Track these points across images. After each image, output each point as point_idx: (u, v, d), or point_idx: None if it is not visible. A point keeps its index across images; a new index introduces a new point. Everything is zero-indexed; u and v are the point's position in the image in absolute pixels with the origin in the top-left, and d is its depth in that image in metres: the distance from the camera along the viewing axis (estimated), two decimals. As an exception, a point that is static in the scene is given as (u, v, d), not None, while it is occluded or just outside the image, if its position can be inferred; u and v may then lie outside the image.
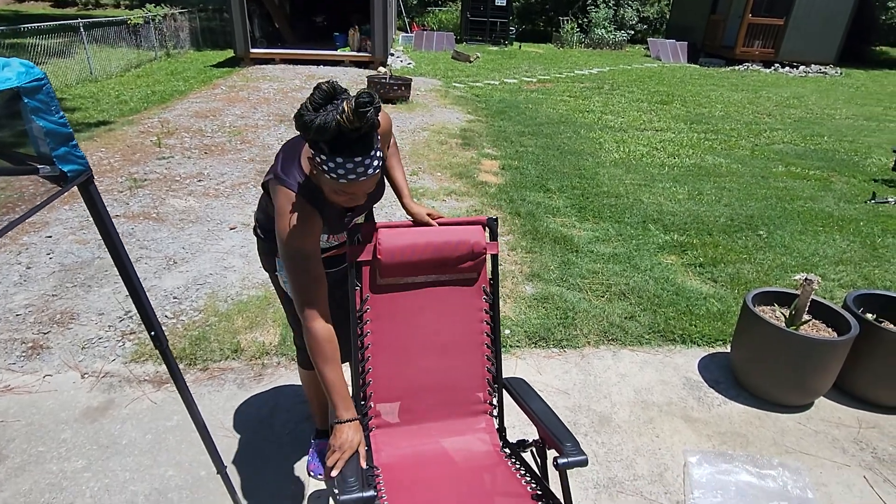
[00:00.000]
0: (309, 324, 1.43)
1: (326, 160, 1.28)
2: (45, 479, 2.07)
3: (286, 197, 1.42)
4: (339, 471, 1.39)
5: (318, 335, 1.43)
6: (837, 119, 9.50)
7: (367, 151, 1.29)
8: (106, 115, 7.11)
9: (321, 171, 1.31)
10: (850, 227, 4.66)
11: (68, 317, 3.02)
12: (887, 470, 2.27)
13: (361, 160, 1.28)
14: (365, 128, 1.24)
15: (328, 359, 1.45)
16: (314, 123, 1.20)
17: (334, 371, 1.46)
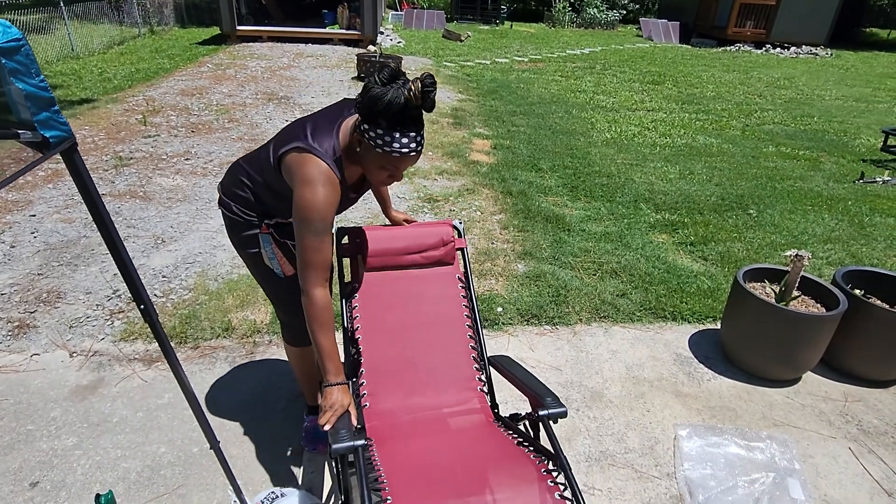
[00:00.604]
0: (312, 290, 1.49)
1: (383, 134, 1.37)
2: (35, 457, 2.05)
3: (317, 167, 1.45)
4: (331, 426, 1.45)
5: (318, 302, 1.49)
6: (827, 100, 9.52)
7: (420, 130, 1.41)
8: (89, 93, 6.95)
9: (373, 145, 1.39)
10: (839, 207, 4.70)
11: (55, 296, 2.97)
12: (872, 442, 2.32)
13: (415, 136, 1.40)
14: (426, 107, 1.35)
15: (324, 325, 1.51)
16: (385, 97, 1.31)
17: (328, 337, 1.52)
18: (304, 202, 1.44)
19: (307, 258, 1.48)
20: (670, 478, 2.10)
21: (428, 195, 4.48)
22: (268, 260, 1.81)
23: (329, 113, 1.60)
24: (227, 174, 1.80)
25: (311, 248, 1.47)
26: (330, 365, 1.52)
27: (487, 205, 4.38)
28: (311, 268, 1.48)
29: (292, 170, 1.49)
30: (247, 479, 2.00)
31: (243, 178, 1.73)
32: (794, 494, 2.01)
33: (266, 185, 1.68)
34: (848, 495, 2.07)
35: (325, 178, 1.45)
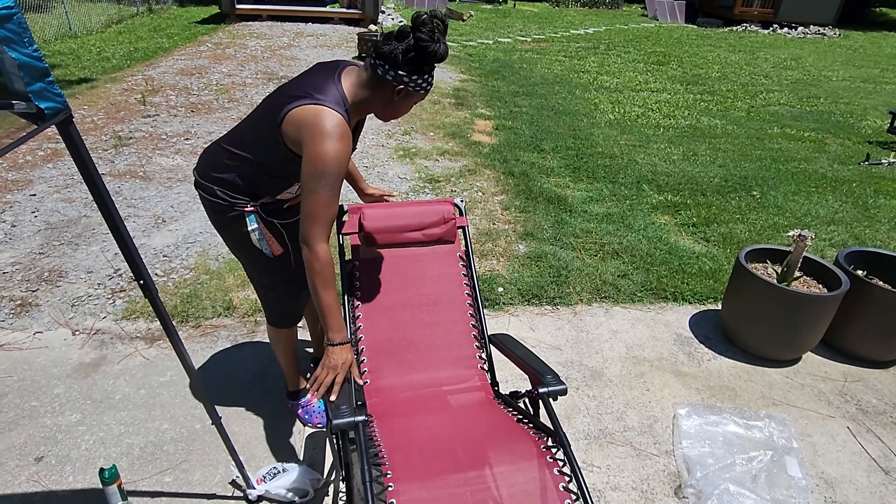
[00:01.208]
0: (317, 245, 1.48)
1: (428, 78, 1.54)
2: (39, 433, 2.07)
3: (332, 119, 1.45)
4: (337, 394, 1.48)
5: (322, 257, 1.48)
6: (834, 81, 9.40)
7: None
8: (88, 73, 6.89)
9: (416, 90, 1.54)
10: (843, 188, 4.66)
11: (56, 275, 2.98)
12: (870, 421, 2.33)
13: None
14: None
15: (327, 281, 1.51)
16: (440, 51, 1.48)
17: (331, 294, 1.52)
18: (319, 156, 1.43)
19: (317, 213, 1.46)
20: (669, 455, 2.11)
21: (429, 176, 4.45)
22: (256, 241, 1.76)
23: (320, 72, 1.58)
24: (204, 159, 1.75)
25: (322, 202, 1.46)
26: (332, 321, 1.53)
27: (489, 185, 4.35)
28: (320, 222, 1.47)
29: (303, 124, 1.46)
30: (249, 455, 2.02)
31: (226, 160, 1.68)
32: (792, 472, 2.03)
33: (256, 162, 1.63)
34: (845, 473, 2.08)
35: (342, 131, 1.45)
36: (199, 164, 1.76)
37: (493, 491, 1.31)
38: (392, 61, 1.49)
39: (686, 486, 1.95)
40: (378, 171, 4.52)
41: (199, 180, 1.74)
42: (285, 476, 1.86)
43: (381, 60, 1.50)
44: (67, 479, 1.90)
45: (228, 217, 1.73)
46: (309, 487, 1.87)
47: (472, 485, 1.30)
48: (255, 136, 1.63)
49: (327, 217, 1.48)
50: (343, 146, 1.45)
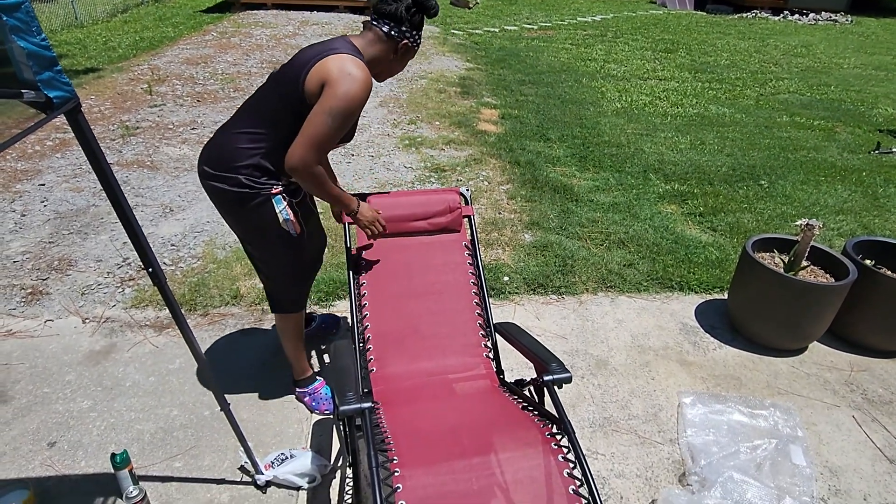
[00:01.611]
0: (315, 167, 1.63)
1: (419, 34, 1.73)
2: (52, 419, 2.10)
3: (358, 65, 1.61)
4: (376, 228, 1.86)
5: (320, 172, 1.65)
6: (845, 68, 9.27)
7: None
8: (94, 62, 6.90)
9: (414, 45, 1.73)
10: (853, 178, 4.62)
11: (66, 263, 3.01)
12: (876, 410, 2.33)
13: None
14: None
15: (327, 182, 1.71)
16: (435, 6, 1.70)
17: (335, 187, 1.77)
18: (340, 92, 1.56)
19: (321, 142, 1.60)
20: (673, 443, 2.12)
21: (435, 165, 4.44)
22: (283, 222, 1.80)
23: (325, 40, 1.72)
24: (216, 152, 1.76)
25: (328, 135, 1.60)
26: (344, 199, 1.79)
27: (495, 175, 4.34)
28: (321, 150, 1.62)
29: (327, 71, 1.58)
30: (257, 441, 2.05)
31: (245, 144, 1.71)
32: (796, 460, 2.03)
33: (276, 137, 1.69)
34: (850, 462, 2.09)
35: (364, 75, 1.60)
36: (210, 160, 1.77)
37: (498, 476, 1.32)
38: (396, 18, 1.66)
39: (690, 474, 1.97)
40: (384, 160, 4.52)
41: (215, 174, 1.75)
42: (293, 462, 1.89)
43: (386, 18, 1.67)
44: (80, 463, 1.94)
45: (254, 204, 1.75)
46: (316, 473, 1.89)
47: (477, 470, 1.31)
48: (271, 112, 1.70)
49: (327, 147, 1.64)
50: (362, 89, 1.59)
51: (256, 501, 1.84)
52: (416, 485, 1.26)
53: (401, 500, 1.22)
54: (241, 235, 1.95)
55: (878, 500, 1.94)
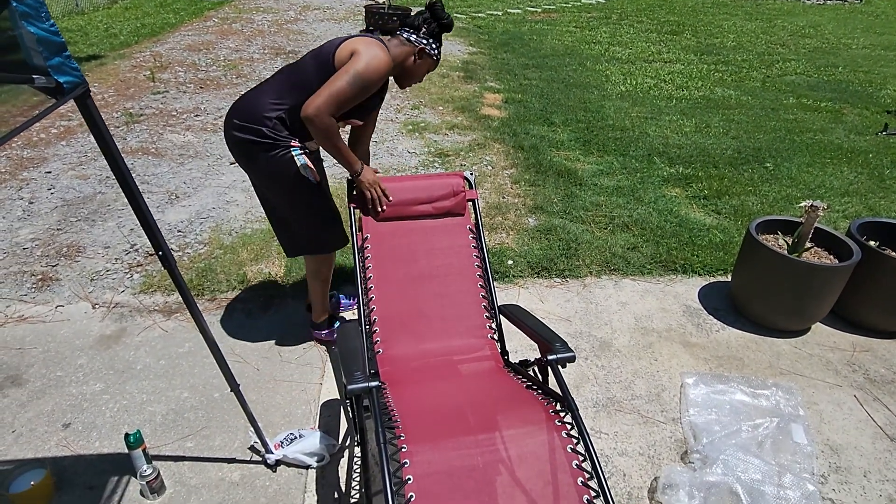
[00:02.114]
0: (328, 119, 1.80)
1: (439, 46, 1.99)
2: (65, 401, 2.15)
3: (384, 50, 1.87)
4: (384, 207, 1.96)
5: (331, 124, 1.82)
6: (854, 49, 9.15)
7: None
8: (96, 49, 6.89)
9: (431, 53, 1.98)
10: (859, 159, 4.59)
11: (75, 250, 3.04)
12: (878, 390, 2.35)
13: None
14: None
15: (337, 134, 1.86)
16: (449, 19, 1.95)
17: (342, 142, 1.88)
18: (364, 59, 1.80)
19: (337, 98, 1.78)
20: (675, 423, 2.15)
21: (439, 150, 4.44)
22: (303, 170, 2.00)
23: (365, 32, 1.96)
24: (244, 106, 1.98)
25: (345, 93, 1.79)
26: (349, 158, 1.91)
27: (498, 159, 4.34)
28: (335, 105, 1.79)
29: (360, 43, 1.85)
30: (266, 422, 2.09)
31: (271, 100, 1.93)
32: (798, 439, 2.06)
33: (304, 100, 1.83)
34: (850, 440, 2.11)
35: (388, 59, 1.86)
36: (238, 111, 1.98)
37: (503, 452, 1.35)
38: (415, 26, 1.94)
39: (692, 452, 2.00)
40: (387, 145, 4.52)
41: (241, 124, 1.95)
42: (302, 441, 1.93)
43: (407, 27, 1.96)
44: (94, 444, 1.98)
45: (274, 154, 1.95)
46: (325, 452, 1.93)
47: (482, 446, 1.34)
48: (301, 78, 1.91)
49: (341, 106, 1.81)
50: (384, 66, 1.84)
51: (267, 480, 1.88)
52: (423, 460, 1.29)
53: (408, 475, 1.25)
54: (264, 186, 2.10)
55: (879, 477, 1.97)
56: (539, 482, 1.32)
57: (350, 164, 1.93)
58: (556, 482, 1.32)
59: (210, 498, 1.81)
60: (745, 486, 1.83)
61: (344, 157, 1.91)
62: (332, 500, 1.82)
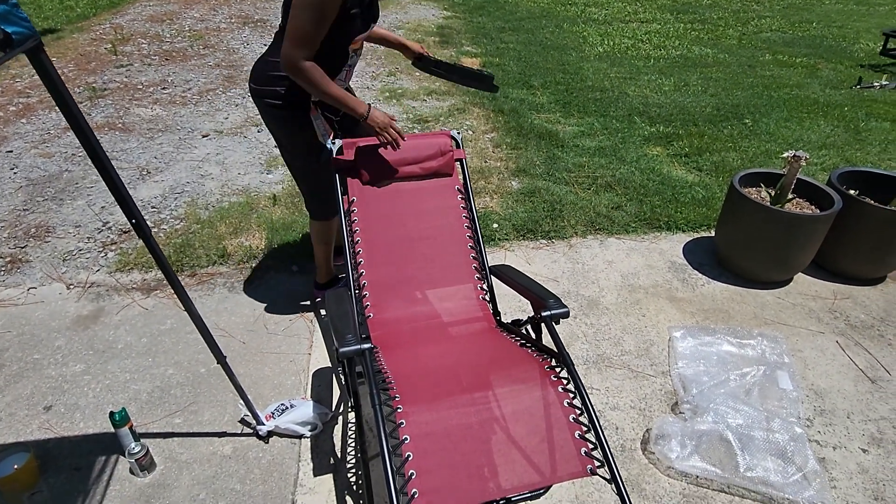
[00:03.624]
0: (302, 63, 1.69)
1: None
2: (45, 384, 2.08)
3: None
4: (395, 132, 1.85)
5: (310, 67, 1.71)
6: (827, 4, 9.16)
7: None
8: (51, 23, 6.54)
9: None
10: (835, 113, 4.62)
11: (44, 230, 2.92)
12: (858, 335, 2.40)
13: None
14: None
15: (323, 78, 1.74)
16: None
17: (333, 85, 1.77)
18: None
19: (298, 37, 1.66)
20: (665, 375, 2.18)
21: (418, 116, 4.35)
22: (320, 136, 1.97)
23: None
24: (258, 69, 1.96)
25: (303, 28, 1.65)
26: (350, 102, 1.79)
27: (479, 124, 4.27)
28: (301, 45, 1.67)
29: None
30: (255, 394, 2.06)
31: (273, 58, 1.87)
32: (783, 385, 2.10)
33: None
34: (834, 384, 2.16)
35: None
36: (253, 76, 1.97)
37: (499, 409, 1.34)
38: None
39: (682, 403, 2.02)
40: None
41: (258, 89, 1.94)
42: (294, 411, 1.90)
43: None
44: (78, 425, 1.93)
45: (292, 115, 1.93)
46: (318, 421, 1.91)
47: (478, 404, 1.33)
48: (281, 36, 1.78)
49: (308, 44, 1.68)
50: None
51: (259, 451, 1.86)
52: (419, 420, 1.27)
53: (405, 435, 1.23)
54: (284, 145, 2.11)
55: (861, 418, 2.02)
56: (536, 437, 1.31)
57: (352, 107, 1.80)
58: (553, 436, 1.32)
59: (202, 472, 1.78)
60: (735, 433, 1.86)
61: (342, 101, 1.79)
62: (328, 466, 1.81)
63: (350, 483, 1.76)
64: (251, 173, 3.50)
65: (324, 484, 1.75)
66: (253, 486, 1.75)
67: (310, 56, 1.70)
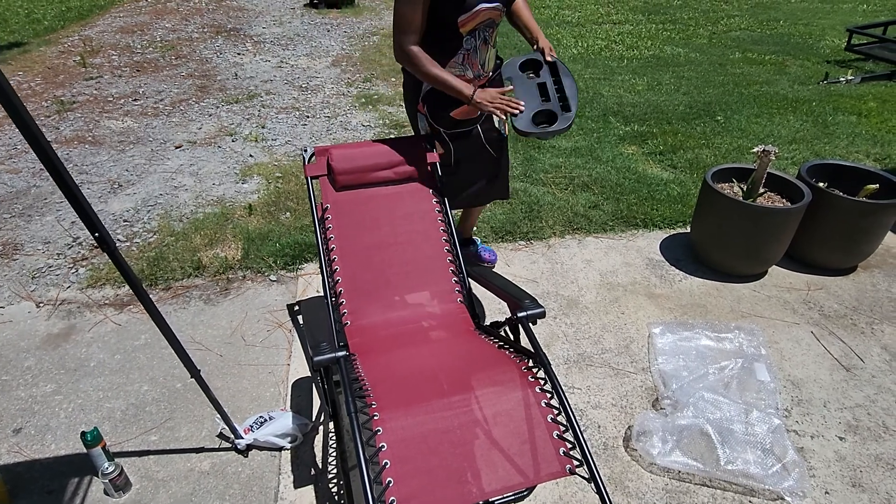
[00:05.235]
0: (409, 48, 1.78)
1: None
2: (14, 406, 2.02)
3: None
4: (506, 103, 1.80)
5: (418, 53, 1.79)
6: (793, 3, 9.37)
7: None
8: (18, 37, 6.41)
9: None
10: (804, 108, 4.72)
11: (11, 248, 2.85)
12: (832, 325, 2.44)
13: None
14: None
15: (431, 64, 1.79)
16: None
17: (440, 70, 1.81)
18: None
19: (398, 24, 1.76)
20: (645, 372, 2.19)
21: (394, 121, 4.34)
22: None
23: None
24: None
25: (401, 14, 1.74)
26: (456, 84, 1.80)
27: (455, 128, 4.27)
28: (404, 33, 1.77)
29: None
30: (234, 408, 2.02)
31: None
32: (761, 377, 2.12)
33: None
34: (810, 374, 2.19)
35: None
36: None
37: (478, 412, 1.33)
38: None
39: (663, 398, 2.03)
40: (340, 119, 4.39)
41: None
42: (273, 423, 1.87)
43: None
44: (49, 447, 1.88)
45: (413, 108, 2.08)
46: (298, 432, 1.88)
47: (456, 408, 1.32)
48: None
49: (410, 29, 1.76)
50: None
51: (239, 466, 1.82)
52: (396, 426, 1.25)
53: (382, 442, 1.22)
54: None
55: (837, 406, 2.05)
56: (515, 439, 1.30)
57: (458, 90, 1.81)
58: (531, 437, 1.31)
59: (179, 490, 1.74)
60: (715, 426, 1.88)
61: (446, 84, 1.80)
62: (309, 478, 1.78)
63: (332, 494, 1.73)
64: (226, 183, 3.45)
65: (305, 496, 1.73)
66: (232, 501, 1.71)
67: (415, 41, 1.78)
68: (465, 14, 1.78)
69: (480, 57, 1.93)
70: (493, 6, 1.81)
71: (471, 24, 1.82)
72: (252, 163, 3.67)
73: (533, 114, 1.84)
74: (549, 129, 1.83)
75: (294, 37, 6.63)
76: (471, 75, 1.95)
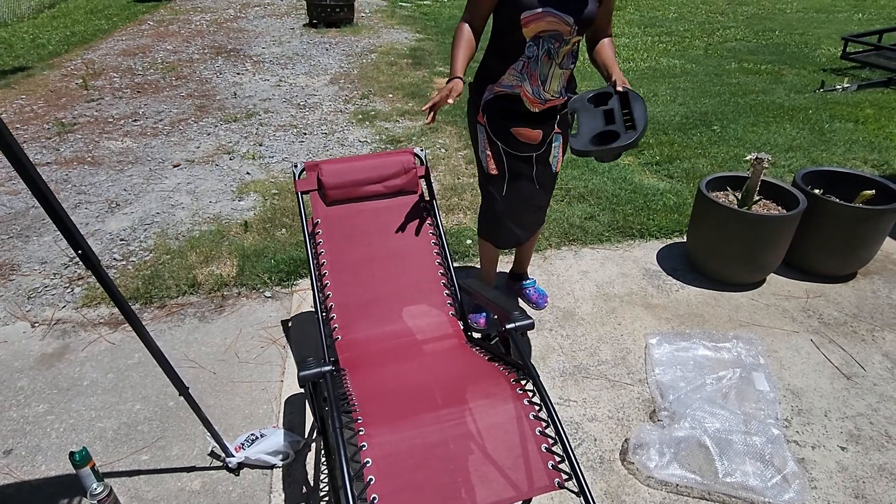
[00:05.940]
0: (463, 23, 1.87)
1: None
2: (5, 427, 2.01)
3: None
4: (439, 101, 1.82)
5: (463, 28, 1.87)
6: (788, 13, 9.43)
7: None
8: (22, 61, 6.51)
9: None
10: (800, 116, 4.72)
11: (8, 268, 2.86)
12: (832, 332, 2.41)
13: None
14: None
15: (459, 40, 1.86)
16: None
17: (458, 48, 1.86)
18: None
19: (466, 7, 1.86)
20: (642, 383, 2.16)
21: (391, 137, 4.36)
22: (480, 152, 2.07)
23: None
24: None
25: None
26: (455, 62, 1.86)
27: (451, 142, 4.29)
28: (467, 10, 1.87)
29: None
30: (226, 425, 2.00)
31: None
32: (760, 386, 2.09)
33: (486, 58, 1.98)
34: (810, 382, 2.16)
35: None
36: None
37: (466, 426, 1.31)
38: None
39: (660, 410, 2.00)
40: (338, 136, 4.41)
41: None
42: (264, 441, 1.85)
43: None
44: (40, 468, 1.86)
45: (471, 115, 2.07)
46: (290, 450, 1.86)
47: (444, 421, 1.30)
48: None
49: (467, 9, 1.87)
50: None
51: (230, 485, 1.80)
52: (381, 441, 1.24)
53: (367, 458, 1.20)
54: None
55: (838, 415, 2.02)
56: (503, 452, 1.28)
57: (452, 68, 1.87)
58: (520, 451, 1.29)
59: (169, 509, 1.72)
60: (713, 438, 1.85)
61: (453, 58, 1.87)
62: (300, 496, 1.75)
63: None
64: (223, 201, 3.47)
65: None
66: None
67: (469, 20, 1.86)
68: (529, 12, 1.73)
69: (541, 71, 1.85)
70: (561, 16, 1.74)
71: (534, 27, 1.76)
72: (249, 180, 3.69)
73: (594, 135, 1.69)
74: (609, 146, 1.65)
75: (293, 56, 6.71)
76: (529, 89, 1.89)
